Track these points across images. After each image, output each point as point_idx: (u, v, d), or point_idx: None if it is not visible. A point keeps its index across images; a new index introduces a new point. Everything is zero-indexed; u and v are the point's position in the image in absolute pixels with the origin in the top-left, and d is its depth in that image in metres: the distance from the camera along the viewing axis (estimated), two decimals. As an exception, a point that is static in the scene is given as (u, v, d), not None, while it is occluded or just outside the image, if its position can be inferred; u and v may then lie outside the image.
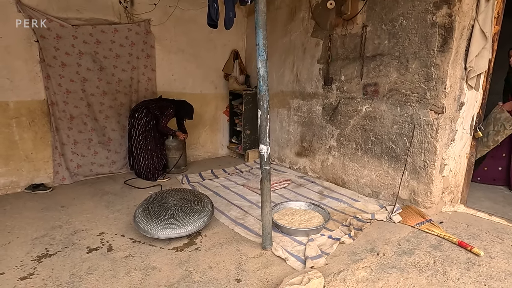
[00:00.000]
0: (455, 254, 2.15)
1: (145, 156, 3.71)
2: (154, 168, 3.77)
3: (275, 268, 2.01)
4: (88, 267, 2.01)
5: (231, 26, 2.08)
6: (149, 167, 3.73)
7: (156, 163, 3.80)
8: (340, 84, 3.31)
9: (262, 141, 2.02)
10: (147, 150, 3.71)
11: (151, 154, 3.74)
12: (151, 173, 3.74)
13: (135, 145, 3.70)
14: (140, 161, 3.72)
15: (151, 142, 3.73)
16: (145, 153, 3.70)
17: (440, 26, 2.40)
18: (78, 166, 3.66)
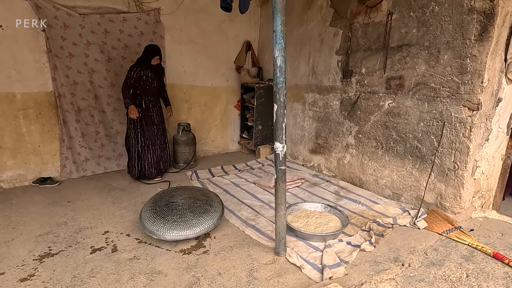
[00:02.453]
0: (491, 267, 1.93)
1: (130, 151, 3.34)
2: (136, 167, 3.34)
3: (289, 277, 1.85)
4: (91, 269, 1.90)
5: (246, 10, 1.90)
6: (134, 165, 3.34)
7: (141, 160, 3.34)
8: (360, 77, 3.08)
9: (278, 139, 1.84)
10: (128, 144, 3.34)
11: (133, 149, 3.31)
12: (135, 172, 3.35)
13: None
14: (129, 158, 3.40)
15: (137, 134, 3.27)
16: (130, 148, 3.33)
17: (479, 12, 2.14)
18: (86, 159, 3.58)
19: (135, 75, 3.11)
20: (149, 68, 3.19)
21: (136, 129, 3.26)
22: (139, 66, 3.13)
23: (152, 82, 3.23)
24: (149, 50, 3.18)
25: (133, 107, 3.12)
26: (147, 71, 3.16)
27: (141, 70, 3.12)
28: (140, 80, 3.15)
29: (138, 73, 3.12)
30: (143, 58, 3.19)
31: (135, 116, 3.13)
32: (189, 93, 4.24)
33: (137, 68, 3.11)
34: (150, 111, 3.31)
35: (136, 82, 3.14)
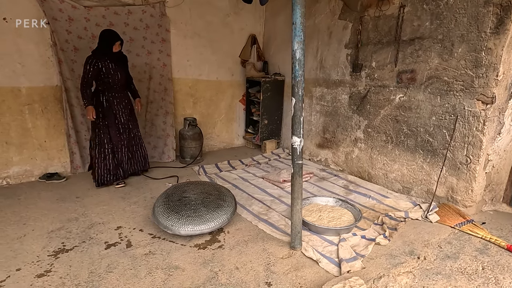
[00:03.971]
0: (505, 260, 1.94)
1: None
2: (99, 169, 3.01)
3: (307, 270, 1.85)
4: (107, 264, 1.89)
5: (267, 1, 1.85)
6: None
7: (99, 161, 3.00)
8: (370, 71, 3.06)
9: (296, 133, 1.82)
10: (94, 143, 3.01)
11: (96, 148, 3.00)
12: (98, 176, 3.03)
13: None
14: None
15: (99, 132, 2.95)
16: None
17: (496, 4, 2.12)
18: (92, 154, 3.54)
19: (92, 69, 2.72)
20: (109, 58, 2.81)
21: (94, 130, 2.96)
22: (95, 57, 2.75)
23: (115, 74, 2.85)
24: (107, 35, 2.78)
25: (90, 108, 2.77)
26: (106, 62, 2.78)
27: (98, 61, 2.74)
28: (100, 73, 2.77)
29: (96, 65, 2.73)
30: (100, 46, 2.80)
31: (91, 118, 2.80)
32: (195, 87, 4.19)
33: (94, 59, 2.72)
34: (114, 109, 2.96)
35: (95, 77, 2.78)
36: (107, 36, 2.80)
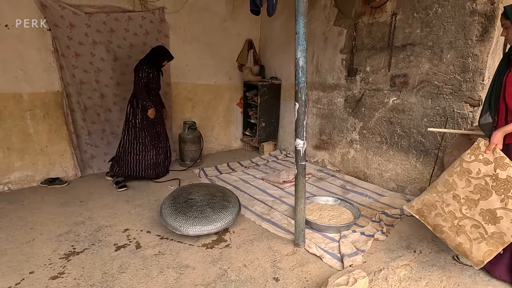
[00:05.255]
0: (494, 251, 2.09)
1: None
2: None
3: (311, 266, 1.96)
4: (119, 265, 1.95)
5: (274, 12, 1.96)
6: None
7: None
8: (365, 75, 3.20)
9: (299, 136, 1.93)
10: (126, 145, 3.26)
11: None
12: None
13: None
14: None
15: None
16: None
17: (481, 14, 2.29)
18: (92, 156, 3.59)
19: (145, 74, 3.09)
20: (156, 68, 3.20)
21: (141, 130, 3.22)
22: (145, 65, 3.11)
23: (158, 82, 3.25)
24: (163, 53, 3.20)
25: (153, 109, 3.17)
26: (153, 70, 3.16)
27: (148, 69, 3.11)
28: (148, 79, 3.14)
29: (147, 73, 3.11)
30: (153, 58, 3.17)
31: (153, 115, 3.18)
32: (193, 91, 4.27)
33: (145, 67, 3.10)
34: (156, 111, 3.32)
35: (147, 82, 3.13)
36: (163, 53, 3.20)
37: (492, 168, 1.64)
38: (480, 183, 1.69)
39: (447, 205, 1.80)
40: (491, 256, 1.69)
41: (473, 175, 1.70)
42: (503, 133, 1.60)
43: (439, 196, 1.83)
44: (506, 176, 1.59)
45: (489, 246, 1.69)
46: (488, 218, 1.68)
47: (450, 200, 1.80)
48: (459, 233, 1.78)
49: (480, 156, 1.67)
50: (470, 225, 1.74)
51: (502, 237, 1.65)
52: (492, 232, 1.68)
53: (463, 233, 1.77)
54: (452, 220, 1.79)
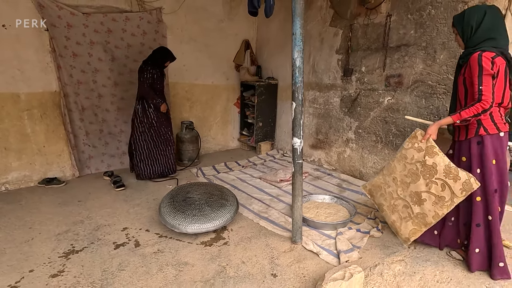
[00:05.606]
0: (486, 246, 2.14)
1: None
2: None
3: (308, 262, 1.99)
4: (119, 263, 1.97)
5: (272, 13, 2.00)
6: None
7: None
8: (360, 76, 3.25)
9: (296, 134, 1.96)
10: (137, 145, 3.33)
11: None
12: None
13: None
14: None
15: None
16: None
17: (472, 16, 2.34)
18: (90, 157, 3.60)
19: (150, 75, 3.14)
20: (159, 69, 3.24)
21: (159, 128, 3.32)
22: (149, 66, 3.15)
23: (162, 82, 3.30)
24: (166, 54, 3.23)
25: (165, 104, 3.26)
26: (157, 71, 3.20)
27: (152, 70, 3.15)
28: (153, 80, 3.18)
29: (151, 73, 3.15)
30: (156, 59, 3.20)
31: (165, 110, 3.28)
32: (191, 92, 4.29)
33: (149, 68, 3.14)
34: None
35: (152, 83, 3.17)
36: (165, 54, 3.23)
37: (422, 155, 1.84)
38: (412, 168, 1.90)
39: (388, 187, 2.07)
40: (415, 235, 1.92)
41: (408, 160, 1.93)
42: (438, 125, 1.82)
43: (383, 179, 2.09)
44: (432, 163, 1.79)
45: (414, 225, 1.93)
46: (415, 200, 1.90)
47: (390, 182, 2.05)
48: (394, 211, 2.04)
49: (416, 144, 1.88)
50: (402, 205, 1.98)
51: (424, 218, 1.87)
52: (417, 213, 1.89)
53: (396, 212, 2.02)
54: (390, 200, 2.06)
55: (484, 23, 1.63)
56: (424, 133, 1.84)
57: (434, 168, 1.79)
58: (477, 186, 1.68)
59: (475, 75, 1.62)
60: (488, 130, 1.69)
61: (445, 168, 1.76)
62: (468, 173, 1.70)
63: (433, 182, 1.80)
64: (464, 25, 1.71)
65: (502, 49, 1.64)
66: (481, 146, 1.71)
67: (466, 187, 1.70)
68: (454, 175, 1.72)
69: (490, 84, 1.59)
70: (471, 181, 1.68)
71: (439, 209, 1.81)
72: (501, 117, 1.72)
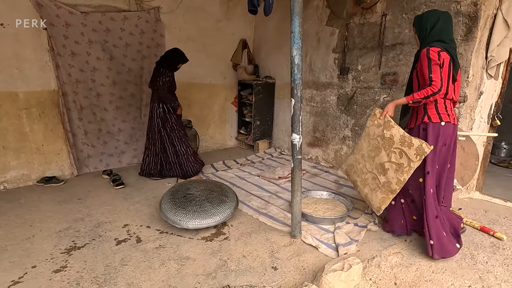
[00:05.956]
0: (479, 238, 2.21)
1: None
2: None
3: (308, 255, 2.04)
4: (121, 258, 1.99)
5: (271, 12, 2.04)
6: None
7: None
8: (356, 74, 3.31)
9: (295, 130, 2.01)
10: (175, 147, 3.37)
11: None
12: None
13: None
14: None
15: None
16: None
17: (465, 15, 2.41)
18: (88, 156, 3.61)
19: (168, 79, 3.16)
20: (173, 71, 3.27)
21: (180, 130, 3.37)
22: (167, 69, 3.16)
23: (175, 85, 3.32)
24: (181, 56, 3.23)
25: (181, 106, 3.33)
26: (172, 73, 3.22)
27: (169, 73, 3.18)
28: (170, 84, 3.21)
29: (169, 77, 3.18)
30: (171, 61, 3.20)
31: (181, 112, 3.34)
32: (189, 91, 4.31)
33: (167, 71, 3.16)
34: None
35: (169, 86, 3.20)
36: (181, 55, 3.22)
37: (381, 130, 2.08)
38: (375, 142, 2.13)
39: (359, 164, 2.28)
40: (385, 202, 2.08)
41: (371, 136, 2.16)
42: (394, 103, 2.09)
43: (354, 157, 2.33)
44: (390, 135, 2.02)
45: (382, 194, 2.09)
46: (380, 170, 2.09)
47: (360, 159, 2.27)
48: (365, 185, 2.23)
49: (375, 121, 2.14)
50: (371, 178, 2.17)
51: (390, 186, 2.04)
52: (383, 182, 2.08)
53: (367, 185, 2.20)
54: (361, 175, 2.26)
55: (437, 26, 1.87)
56: (382, 111, 2.10)
57: (391, 139, 2.01)
58: (429, 150, 1.84)
59: (425, 66, 1.85)
60: (431, 119, 1.92)
61: (400, 137, 1.96)
62: (421, 139, 1.88)
63: (392, 152, 2.01)
64: (421, 27, 1.94)
65: (447, 46, 1.85)
66: (425, 132, 1.95)
67: (419, 151, 1.87)
68: (408, 143, 1.92)
69: (438, 72, 1.81)
70: (423, 146, 1.85)
71: (400, 175, 1.98)
72: (445, 109, 1.94)
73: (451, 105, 1.98)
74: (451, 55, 1.85)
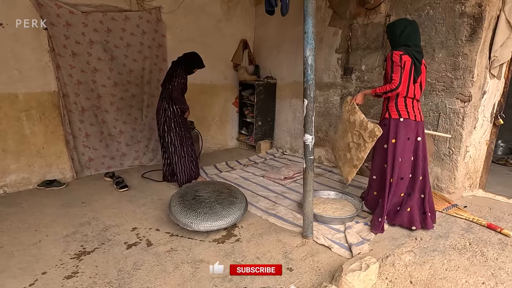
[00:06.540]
0: (487, 236, 2.25)
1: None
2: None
3: (322, 256, 2.04)
4: (133, 262, 1.96)
5: (287, 12, 2.04)
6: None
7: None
8: (360, 74, 3.34)
9: (308, 131, 2.01)
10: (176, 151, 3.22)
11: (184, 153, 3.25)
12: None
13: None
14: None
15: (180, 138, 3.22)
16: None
17: (469, 16, 2.45)
18: (90, 159, 3.54)
19: (183, 81, 3.11)
20: (188, 74, 3.21)
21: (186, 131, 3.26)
22: (183, 71, 3.12)
23: (186, 88, 3.25)
24: (199, 61, 3.23)
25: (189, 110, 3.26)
26: (187, 76, 3.18)
27: (185, 75, 3.14)
28: (184, 86, 3.17)
29: (185, 79, 3.14)
30: (186, 63, 3.15)
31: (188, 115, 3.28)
32: (190, 91, 4.16)
33: (184, 73, 3.12)
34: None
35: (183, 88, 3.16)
36: (198, 60, 3.23)
37: (349, 115, 2.40)
38: (344, 126, 2.47)
39: (337, 142, 2.65)
40: (350, 175, 2.46)
41: (343, 120, 2.51)
42: (362, 93, 2.41)
43: (335, 137, 2.72)
44: (353, 120, 2.33)
45: (348, 168, 2.46)
46: (347, 149, 2.45)
47: (338, 139, 2.63)
48: (339, 160, 2.61)
49: (346, 107, 2.46)
50: (343, 154, 2.52)
51: (352, 161, 2.40)
52: (349, 158, 2.44)
53: (341, 160, 2.58)
54: (338, 152, 2.62)
55: (404, 33, 2.11)
56: (352, 98, 2.42)
57: (354, 123, 2.33)
58: (379, 133, 2.14)
59: (388, 67, 2.15)
60: (391, 115, 2.20)
61: (360, 122, 2.28)
62: (376, 125, 2.18)
63: (354, 134, 2.34)
64: (392, 33, 2.19)
65: (410, 49, 2.08)
66: (386, 127, 2.21)
67: (371, 134, 2.18)
68: (364, 126, 2.23)
69: (399, 73, 2.07)
70: (375, 130, 2.15)
71: (359, 153, 2.32)
72: (405, 106, 2.18)
73: (413, 104, 2.20)
74: (413, 59, 2.08)
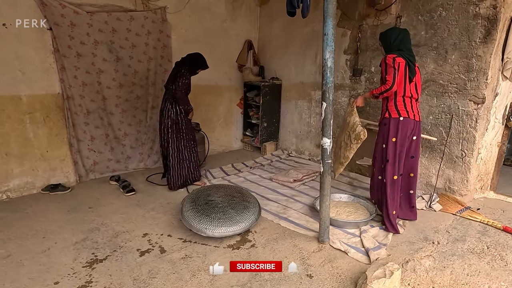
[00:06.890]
0: (503, 239, 2.24)
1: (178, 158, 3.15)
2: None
3: (340, 261, 2.00)
4: (148, 270, 1.90)
5: (308, 13, 2.00)
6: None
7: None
8: (369, 75, 3.31)
9: (326, 134, 1.97)
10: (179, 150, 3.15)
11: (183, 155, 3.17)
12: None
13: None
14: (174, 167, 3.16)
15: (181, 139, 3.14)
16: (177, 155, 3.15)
17: (484, 18, 2.44)
18: (95, 163, 3.47)
19: (187, 81, 3.06)
20: (192, 74, 3.15)
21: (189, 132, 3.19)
22: (188, 72, 3.06)
23: (190, 89, 3.19)
24: (203, 62, 3.18)
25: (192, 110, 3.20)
26: (190, 76, 3.12)
27: (190, 76, 3.09)
28: (187, 86, 3.11)
29: (189, 79, 3.09)
30: (190, 64, 3.10)
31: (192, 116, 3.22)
32: (194, 92, 4.12)
33: (188, 74, 3.07)
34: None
35: (186, 88, 3.11)
36: (202, 61, 3.18)
37: (347, 116, 2.56)
38: (343, 125, 2.68)
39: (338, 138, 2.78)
40: (337, 171, 2.63)
41: (343, 120, 2.68)
42: (362, 96, 2.57)
43: (339, 135, 2.84)
44: (348, 121, 2.49)
45: (337, 164, 2.63)
46: (340, 147, 2.61)
47: (338, 137, 2.82)
48: (334, 154, 2.76)
49: (348, 109, 2.62)
50: (337, 150, 2.69)
51: (340, 159, 2.56)
52: (339, 155, 2.61)
53: (335, 155, 2.73)
54: (335, 148, 2.77)
55: (397, 40, 2.24)
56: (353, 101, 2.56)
57: (348, 124, 2.48)
58: (364, 137, 2.28)
59: (383, 69, 2.27)
60: (391, 115, 2.27)
61: (352, 124, 2.41)
62: (363, 128, 2.31)
63: (346, 134, 2.49)
64: (386, 41, 2.31)
65: (403, 53, 2.20)
66: (386, 126, 2.29)
67: (357, 136, 2.32)
68: (354, 128, 2.37)
69: (392, 74, 2.16)
70: (360, 133, 2.29)
71: (345, 152, 2.47)
72: (404, 106, 2.24)
73: (411, 103, 2.27)
74: (407, 60, 2.20)
